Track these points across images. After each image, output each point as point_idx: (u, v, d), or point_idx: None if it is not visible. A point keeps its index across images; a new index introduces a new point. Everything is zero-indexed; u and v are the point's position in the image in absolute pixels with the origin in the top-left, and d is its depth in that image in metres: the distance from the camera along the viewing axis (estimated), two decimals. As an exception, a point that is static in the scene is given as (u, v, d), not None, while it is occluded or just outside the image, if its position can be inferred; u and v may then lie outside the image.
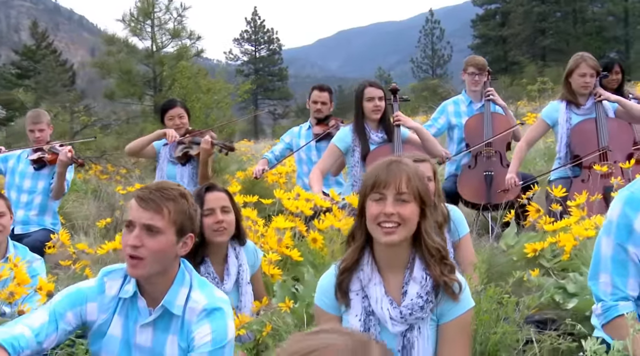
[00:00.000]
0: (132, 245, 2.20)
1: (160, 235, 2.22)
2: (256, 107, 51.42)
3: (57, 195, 5.62)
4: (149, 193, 2.24)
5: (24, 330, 2.15)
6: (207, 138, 5.25)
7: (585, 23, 52.94)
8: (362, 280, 2.26)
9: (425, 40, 66.60)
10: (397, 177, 2.18)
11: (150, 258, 2.21)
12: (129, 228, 2.24)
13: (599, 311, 2.41)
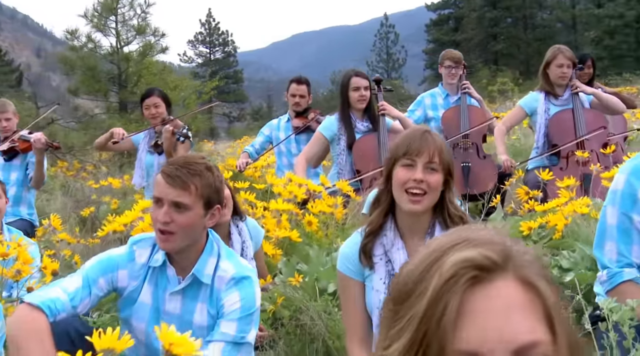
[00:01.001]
0: (162, 221, 2.25)
1: (188, 210, 2.27)
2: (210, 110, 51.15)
3: (38, 184, 5.54)
4: (176, 170, 2.28)
5: (59, 294, 2.19)
6: (168, 127, 5.19)
7: (535, 29, 54.10)
8: (385, 245, 2.33)
9: (380, 44, 67.19)
10: (430, 147, 2.26)
11: (180, 232, 2.27)
12: (158, 204, 2.29)
13: (605, 278, 2.53)
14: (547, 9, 55.72)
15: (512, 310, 0.82)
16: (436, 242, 0.89)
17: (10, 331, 2.08)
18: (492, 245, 0.86)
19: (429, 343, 0.82)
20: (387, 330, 0.91)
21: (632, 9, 42.81)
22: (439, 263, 0.85)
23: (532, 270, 0.86)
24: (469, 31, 54.68)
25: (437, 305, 0.82)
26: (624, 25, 42.44)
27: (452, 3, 59.76)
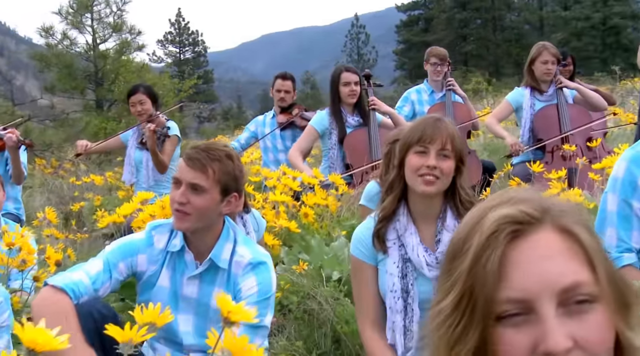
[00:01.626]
0: (178, 201, 2.31)
1: (204, 193, 2.33)
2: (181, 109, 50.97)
3: (19, 179, 5.50)
4: (197, 153, 2.34)
5: (82, 277, 2.23)
6: (149, 126, 5.17)
7: (504, 30, 54.78)
8: (398, 230, 2.39)
9: (351, 45, 67.50)
10: (443, 134, 2.33)
11: (195, 214, 2.32)
12: (177, 185, 2.35)
13: (606, 262, 2.61)
14: (515, 10, 56.46)
15: (553, 257, 0.89)
16: (478, 206, 0.96)
17: (35, 313, 2.11)
18: (530, 201, 0.94)
19: (477, 295, 0.89)
20: (439, 289, 0.98)
21: (598, 11, 43.59)
22: (481, 222, 0.93)
23: (569, 219, 0.93)
24: (439, 32, 55.12)
25: (480, 260, 0.90)
26: (591, 27, 43.18)
27: (422, 4, 60.18)
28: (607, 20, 42.56)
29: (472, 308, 0.89)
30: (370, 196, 3.68)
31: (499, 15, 55.39)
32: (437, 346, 0.94)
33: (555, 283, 0.87)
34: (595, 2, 44.04)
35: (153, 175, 5.32)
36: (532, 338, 0.86)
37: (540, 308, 0.86)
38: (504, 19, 55.72)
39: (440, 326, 0.93)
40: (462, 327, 0.89)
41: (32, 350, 1.26)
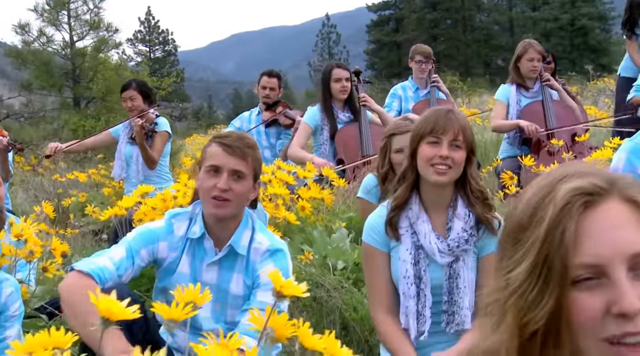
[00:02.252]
0: (221, 189, 2.34)
1: (244, 180, 2.39)
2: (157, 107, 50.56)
3: (6, 178, 5.49)
4: (234, 141, 2.39)
5: (106, 263, 2.26)
6: (137, 121, 5.19)
7: (474, 31, 55.33)
8: (410, 218, 2.46)
9: (322, 45, 67.59)
10: (455, 125, 2.39)
11: (235, 200, 2.38)
12: (216, 173, 2.37)
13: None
14: (485, 11, 57.11)
15: (623, 226, 0.97)
16: (543, 180, 1.04)
17: (64, 297, 2.15)
18: (597, 174, 1.02)
19: (551, 262, 0.96)
20: (507, 259, 1.04)
21: (566, 12, 44.33)
22: (551, 195, 1.00)
23: (634, 190, 1.01)
24: (410, 32, 55.48)
25: (556, 230, 0.97)
26: (559, 28, 43.92)
27: (392, 4, 60.50)
28: (576, 22, 43.29)
29: (547, 274, 0.96)
30: (368, 189, 3.75)
31: (469, 16, 55.96)
32: (503, 315, 1.01)
33: (626, 249, 0.94)
34: (564, 3, 44.78)
35: (143, 171, 5.34)
36: (605, 300, 0.93)
37: (613, 273, 0.94)
38: (474, 20, 56.32)
39: (511, 295, 0.99)
40: (537, 293, 0.96)
41: (107, 318, 1.30)
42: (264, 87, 6.04)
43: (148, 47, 63.12)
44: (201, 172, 2.42)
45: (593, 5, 44.76)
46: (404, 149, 3.57)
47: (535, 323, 0.96)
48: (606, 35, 44.79)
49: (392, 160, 3.60)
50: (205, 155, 2.43)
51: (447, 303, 2.42)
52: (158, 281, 2.50)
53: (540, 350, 0.98)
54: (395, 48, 57.35)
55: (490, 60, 55.14)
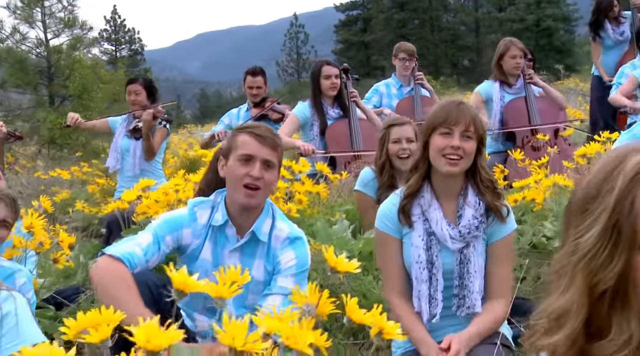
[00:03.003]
0: (255, 177, 2.43)
1: (273, 169, 2.50)
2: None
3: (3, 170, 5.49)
4: (265, 132, 2.49)
5: (135, 249, 2.33)
6: (149, 110, 5.31)
7: (441, 31, 55.87)
8: (422, 206, 2.56)
9: (291, 44, 67.56)
10: (466, 116, 2.49)
11: (265, 188, 2.49)
12: (248, 162, 2.46)
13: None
14: (451, 11, 57.70)
15: None
16: (610, 155, 1.15)
17: (97, 280, 2.23)
18: None
19: (621, 227, 1.06)
20: (574, 228, 1.14)
21: (531, 13, 44.99)
22: (620, 166, 1.10)
23: None
24: (378, 32, 55.82)
25: (625, 199, 1.07)
26: (525, 28, 44.52)
27: (360, 4, 60.76)
28: (541, 22, 43.96)
29: (617, 238, 1.06)
30: (365, 182, 3.85)
31: (436, 16, 56.50)
32: (572, 278, 1.11)
33: None
34: (529, 4, 45.45)
35: (140, 164, 5.38)
36: None
37: None
38: (441, 20, 56.88)
39: (581, 258, 1.09)
40: (606, 255, 1.06)
41: (182, 291, 1.35)
42: (250, 87, 6.09)
43: (114, 46, 62.48)
44: (231, 160, 2.49)
45: (557, 6, 45.53)
46: (402, 140, 3.70)
47: (604, 283, 1.06)
48: (570, 36, 45.63)
49: (389, 150, 3.71)
50: (235, 144, 2.50)
51: (458, 288, 2.52)
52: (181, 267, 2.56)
53: (608, 309, 1.08)
54: (363, 48, 57.67)
55: (457, 61, 55.77)
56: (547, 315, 1.14)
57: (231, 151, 2.52)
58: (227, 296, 1.65)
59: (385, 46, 56.98)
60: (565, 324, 1.10)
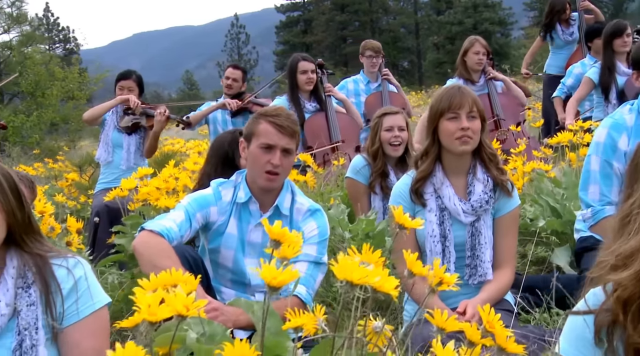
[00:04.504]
0: (275, 165, 2.61)
1: (291, 155, 2.69)
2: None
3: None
4: (284, 120, 2.65)
5: (171, 224, 2.51)
6: (162, 111, 5.32)
7: (382, 33, 56.50)
8: (434, 184, 2.78)
9: (232, 45, 67.36)
10: (468, 99, 2.73)
11: (283, 174, 2.68)
12: (268, 150, 2.63)
13: (589, 215, 3.11)
14: (391, 14, 58.44)
15: None
16: None
17: (141, 252, 2.40)
18: None
19: None
20: (628, 188, 1.36)
21: (469, 17, 46.03)
22: None
23: None
24: (319, 34, 56.18)
25: None
26: (463, 31, 45.49)
27: (301, 5, 60.98)
28: (478, 26, 44.97)
29: None
30: (357, 169, 4.04)
31: (376, 18, 57.19)
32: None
33: None
34: (467, 8, 46.49)
35: (134, 159, 5.36)
36: None
37: None
38: (381, 22, 57.61)
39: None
40: None
41: (350, 281, 1.42)
42: (227, 77, 6.24)
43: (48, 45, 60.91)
44: (253, 146, 2.66)
45: (494, 11, 46.71)
46: (394, 128, 3.92)
47: None
48: (506, 40, 46.89)
49: (382, 138, 3.92)
50: (257, 131, 2.66)
51: (470, 258, 2.74)
52: (209, 242, 2.74)
53: None
54: (304, 49, 57.89)
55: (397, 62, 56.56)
56: (615, 255, 1.34)
57: (252, 136, 2.68)
58: (291, 256, 1.79)
59: (326, 48, 57.49)
60: (633, 264, 1.30)
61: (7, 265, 1.78)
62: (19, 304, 1.75)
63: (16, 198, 1.78)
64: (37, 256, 1.81)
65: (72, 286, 1.82)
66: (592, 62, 6.19)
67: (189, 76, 62.44)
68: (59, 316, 1.79)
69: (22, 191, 1.84)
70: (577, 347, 1.37)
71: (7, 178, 1.79)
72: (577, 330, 1.37)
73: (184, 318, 1.42)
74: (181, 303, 1.42)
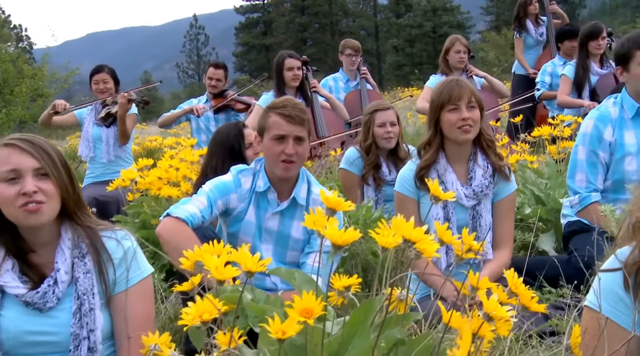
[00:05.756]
0: (289, 153, 2.72)
1: (304, 142, 2.79)
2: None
3: None
4: (292, 110, 2.76)
5: (195, 210, 2.64)
6: (123, 94, 5.47)
7: (342, 35, 56.75)
8: (438, 170, 2.97)
9: (191, 46, 66.99)
10: (467, 90, 2.92)
11: (299, 161, 2.79)
12: (281, 140, 2.74)
13: (577, 201, 3.34)
14: (351, 16, 58.88)
15: None
16: None
17: (168, 238, 2.54)
18: None
19: None
20: None
21: (429, 20, 46.70)
22: None
23: None
24: (279, 35, 56.26)
25: None
26: (423, 34, 46.21)
27: (260, 7, 60.95)
28: (437, 29, 45.68)
29: None
30: (351, 161, 4.22)
31: (336, 21, 57.53)
32: None
33: None
34: (426, 11, 47.20)
35: (114, 151, 5.48)
36: None
37: None
38: (341, 24, 57.97)
39: None
40: None
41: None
42: (210, 78, 6.35)
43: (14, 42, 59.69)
44: (266, 139, 2.77)
45: (452, 14, 47.51)
46: (386, 123, 4.10)
47: None
48: (466, 43, 47.72)
49: (374, 133, 4.10)
50: (268, 124, 2.78)
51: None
52: (228, 227, 2.86)
53: None
54: (264, 51, 57.86)
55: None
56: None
57: (265, 130, 2.80)
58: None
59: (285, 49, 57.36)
60: None
61: (63, 237, 1.96)
62: (77, 272, 1.93)
63: (67, 174, 1.95)
64: (88, 228, 1.99)
65: (122, 256, 2.00)
66: (562, 63, 6.48)
67: (147, 77, 61.83)
68: (111, 283, 1.98)
69: (72, 169, 1.99)
70: (608, 301, 1.56)
71: (60, 156, 1.95)
72: (608, 287, 1.56)
73: (253, 274, 1.60)
74: (251, 261, 1.58)
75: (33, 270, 1.93)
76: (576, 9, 45.82)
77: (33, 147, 1.89)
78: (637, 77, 3.22)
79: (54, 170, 1.89)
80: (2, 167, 1.86)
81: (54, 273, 1.91)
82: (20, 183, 1.85)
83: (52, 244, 1.95)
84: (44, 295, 1.89)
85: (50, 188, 1.88)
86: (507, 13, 47.45)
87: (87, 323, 1.90)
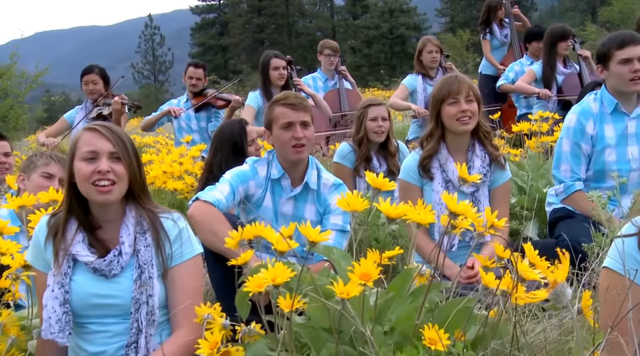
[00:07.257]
0: (298, 137, 2.95)
1: (310, 127, 3.03)
2: None
3: None
4: (294, 99, 3.01)
5: (220, 196, 2.86)
6: (117, 99, 5.61)
7: (299, 36, 57.12)
8: (440, 160, 3.24)
9: (146, 46, 66.33)
10: (465, 85, 3.19)
11: (308, 144, 3.02)
12: (290, 127, 2.97)
13: (562, 189, 3.62)
14: (308, 17, 59.19)
15: None
16: None
17: (200, 219, 2.73)
18: None
19: None
20: None
21: (385, 22, 47.26)
22: None
23: None
24: (237, 36, 56.20)
25: None
26: (380, 35, 46.75)
27: (216, 7, 60.80)
28: (394, 30, 46.26)
29: None
30: (344, 155, 4.44)
31: (293, 22, 57.80)
32: None
33: None
34: (383, 12, 47.77)
35: None
36: None
37: None
38: (298, 25, 58.24)
39: None
40: None
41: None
42: (190, 77, 6.48)
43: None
44: (275, 130, 3.01)
45: (409, 16, 48.17)
46: (378, 118, 4.33)
47: None
48: (421, 44, 48.41)
49: (367, 127, 4.33)
50: (274, 117, 3.02)
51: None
52: (247, 213, 3.07)
53: None
54: (220, 51, 57.76)
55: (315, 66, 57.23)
56: None
57: (272, 122, 3.04)
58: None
59: (243, 50, 57.51)
60: None
61: (127, 215, 2.21)
62: (138, 245, 2.18)
63: (137, 162, 2.20)
64: (148, 210, 2.23)
65: (177, 234, 2.24)
66: (529, 63, 6.81)
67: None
68: (168, 257, 2.21)
69: (140, 158, 2.22)
70: (626, 262, 1.81)
71: (132, 146, 2.19)
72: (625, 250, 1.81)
73: (315, 244, 1.90)
74: (314, 233, 1.87)
75: (99, 244, 2.17)
76: (527, 12, 46.95)
77: (111, 133, 2.13)
78: (616, 75, 3.51)
79: (126, 156, 2.13)
80: (84, 148, 2.12)
81: (119, 245, 2.16)
82: (97, 163, 2.11)
83: (116, 222, 2.19)
84: (110, 263, 2.14)
85: (121, 171, 2.12)
86: (462, 15, 48.49)
87: (146, 289, 2.13)
